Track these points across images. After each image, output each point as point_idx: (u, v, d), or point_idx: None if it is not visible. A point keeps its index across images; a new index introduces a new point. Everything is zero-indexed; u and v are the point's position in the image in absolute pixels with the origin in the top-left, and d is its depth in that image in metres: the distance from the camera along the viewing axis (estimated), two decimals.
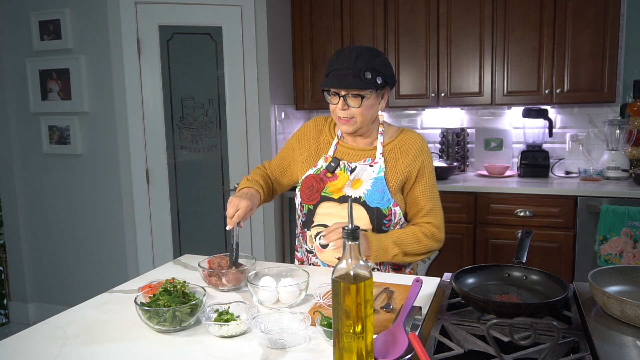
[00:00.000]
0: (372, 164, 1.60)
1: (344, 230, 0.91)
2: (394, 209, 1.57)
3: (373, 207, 1.55)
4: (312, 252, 1.67)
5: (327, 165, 1.63)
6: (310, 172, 1.65)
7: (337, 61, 1.52)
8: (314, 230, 1.63)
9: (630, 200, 2.60)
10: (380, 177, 1.57)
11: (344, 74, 1.49)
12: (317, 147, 1.71)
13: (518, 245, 1.39)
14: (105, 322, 1.21)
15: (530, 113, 3.09)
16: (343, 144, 1.67)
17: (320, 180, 1.62)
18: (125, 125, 2.99)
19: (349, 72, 1.49)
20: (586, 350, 0.96)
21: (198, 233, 3.21)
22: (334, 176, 1.61)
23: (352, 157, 1.64)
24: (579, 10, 2.87)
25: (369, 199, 1.55)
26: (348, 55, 1.51)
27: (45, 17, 3.02)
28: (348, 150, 1.65)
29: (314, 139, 1.72)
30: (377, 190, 1.56)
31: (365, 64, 1.49)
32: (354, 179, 1.60)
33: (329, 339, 1.04)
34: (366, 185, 1.57)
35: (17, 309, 3.43)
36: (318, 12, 3.41)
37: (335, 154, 1.66)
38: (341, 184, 1.60)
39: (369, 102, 1.53)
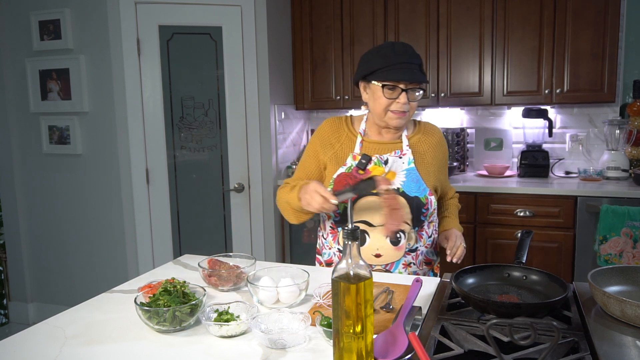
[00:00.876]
0: (401, 156, 1.62)
1: (344, 230, 0.91)
2: (430, 198, 1.61)
3: (412, 196, 1.58)
4: None
5: (357, 163, 1.61)
6: (341, 171, 1.63)
7: (396, 55, 1.51)
8: None
9: (630, 200, 2.60)
10: (412, 167, 1.61)
11: (410, 68, 1.50)
12: (340, 146, 1.67)
13: (518, 245, 1.40)
14: (105, 322, 1.21)
15: (530, 113, 3.09)
16: (368, 140, 1.66)
17: (354, 178, 1.60)
18: (125, 125, 2.99)
19: (413, 66, 1.51)
20: (586, 350, 0.96)
21: (198, 233, 3.21)
22: (366, 172, 1.60)
23: (381, 151, 1.63)
24: (579, 10, 2.87)
25: (407, 189, 1.58)
26: (405, 50, 1.53)
27: (45, 17, 3.02)
28: (375, 145, 1.65)
29: (335, 139, 1.68)
30: (413, 180, 1.59)
31: (419, 59, 1.54)
32: (389, 171, 1.60)
33: (329, 339, 1.04)
34: (400, 176, 1.59)
35: (17, 309, 3.43)
36: (318, 12, 3.41)
37: (362, 151, 1.64)
38: None
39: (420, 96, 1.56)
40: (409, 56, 1.51)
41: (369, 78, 1.55)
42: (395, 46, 1.54)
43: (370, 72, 1.54)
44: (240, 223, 3.24)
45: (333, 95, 3.45)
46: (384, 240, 1.58)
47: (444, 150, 1.74)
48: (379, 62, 1.52)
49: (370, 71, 1.54)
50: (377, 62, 1.53)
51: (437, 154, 1.69)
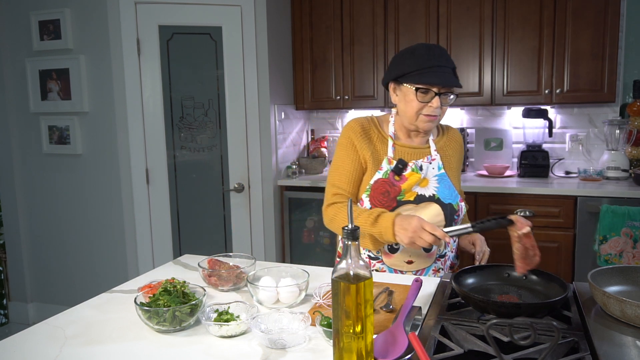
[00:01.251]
0: (431, 162, 1.61)
1: (343, 230, 0.91)
2: (461, 205, 1.61)
3: (447, 203, 1.57)
4: (377, 259, 1.61)
5: (393, 167, 1.57)
6: (379, 177, 1.58)
7: (432, 58, 1.48)
8: None
9: (630, 200, 2.60)
10: (443, 173, 1.61)
11: (446, 72, 1.48)
12: (374, 147, 1.61)
13: None
14: (105, 322, 1.21)
15: (530, 113, 3.09)
16: (399, 144, 1.62)
17: (392, 185, 1.56)
18: (125, 125, 2.99)
19: (449, 70, 1.49)
20: (586, 350, 0.96)
21: (198, 233, 3.21)
22: (402, 178, 1.57)
23: (414, 156, 1.61)
24: (579, 10, 2.87)
25: (442, 195, 1.57)
26: (440, 53, 1.50)
27: (45, 17, 3.02)
28: (407, 149, 1.61)
29: (367, 139, 1.61)
30: (446, 187, 1.59)
31: (452, 63, 1.51)
32: (424, 177, 1.59)
33: (328, 339, 1.04)
34: (433, 182, 1.59)
35: (17, 309, 3.43)
36: (318, 12, 3.41)
37: (395, 155, 1.60)
38: (413, 183, 1.57)
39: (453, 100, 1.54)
40: (444, 59, 1.49)
41: (401, 80, 1.52)
42: (430, 49, 1.50)
43: (403, 74, 1.50)
44: (240, 223, 3.23)
45: (333, 95, 3.45)
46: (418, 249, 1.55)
47: (463, 153, 1.75)
48: (413, 64, 1.48)
49: (403, 73, 1.51)
50: (410, 64, 1.49)
51: (459, 156, 1.70)
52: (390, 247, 1.58)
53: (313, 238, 3.39)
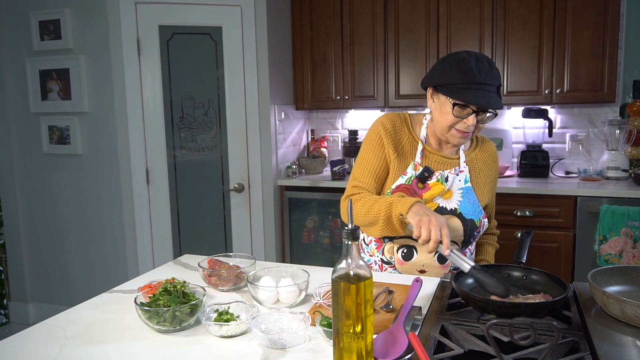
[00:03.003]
0: (458, 173, 1.54)
1: (344, 230, 0.91)
2: (484, 221, 1.55)
3: (468, 219, 1.50)
4: (390, 264, 1.58)
5: (418, 174, 1.51)
6: (400, 182, 1.53)
7: (479, 74, 1.37)
8: (398, 241, 1.54)
9: (630, 200, 2.60)
10: (469, 187, 1.54)
11: (489, 91, 1.39)
12: (402, 148, 1.56)
13: (518, 245, 1.39)
14: (105, 322, 1.21)
15: (530, 113, 3.09)
16: (429, 150, 1.56)
17: (414, 193, 1.51)
18: (125, 125, 2.99)
19: (491, 88, 1.39)
20: (586, 350, 0.96)
21: (198, 233, 3.21)
22: (426, 187, 1.51)
23: (442, 166, 1.55)
24: (579, 10, 2.87)
25: (464, 210, 1.50)
26: (489, 69, 1.40)
27: (45, 17, 3.02)
28: (436, 157, 1.55)
29: (395, 138, 1.55)
30: (469, 202, 1.52)
31: (497, 80, 1.41)
32: (448, 189, 1.52)
33: (329, 339, 1.04)
34: (457, 195, 1.52)
35: (17, 309, 3.43)
36: (318, 12, 3.41)
37: (423, 161, 1.54)
38: (436, 194, 1.51)
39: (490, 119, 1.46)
40: (490, 77, 1.39)
41: (440, 89, 1.43)
42: (479, 63, 1.39)
43: (444, 84, 1.42)
44: (240, 223, 3.23)
45: (333, 95, 3.45)
46: (431, 257, 1.52)
47: (497, 170, 1.65)
48: (457, 77, 1.39)
49: (444, 83, 1.42)
50: (455, 76, 1.39)
51: (491, 173, 1.62)
52: (404, 255, 1.53)
53: (313, 238, 3.39)
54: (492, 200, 1.67)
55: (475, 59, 1.41)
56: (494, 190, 1.66)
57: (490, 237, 1.76)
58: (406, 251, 1.54)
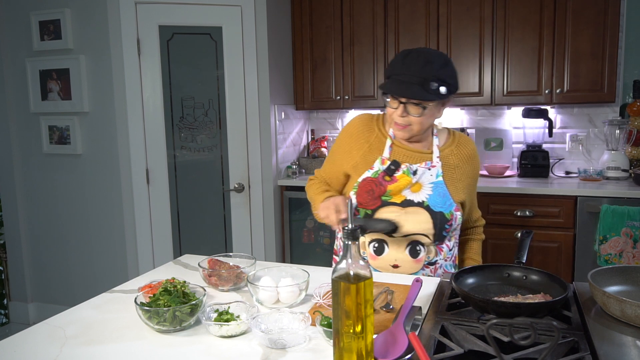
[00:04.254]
0: (430, 168, 1.56)
1: (344, 230, 0.91)
2: (456, 214, 1.55)
3: (437, 211, 1.52)
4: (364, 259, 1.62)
5: (385, 168, 1.55)
6: (367, 175, 1.57)
7: (403, 65, 1.45)
8: (369, 236, 1.58)
9: (630, 200, 2.60)
10: (440, 181, 1.55)
11: (409, 82, 1.43)
12: (369, 146, 1.61)
13: (518, 245, 1.40)
14: (105, 322, 1.21)
15: (530, 113, 3.09)
16: (398, 144, 1.60)
17: (379, 184, 1.54)
18: (125, 125, 2.99)
19: (414, 80, 1.43)
20: (586, 350, 0.96)
21: (198, 233, 3.21)
22: (393, 179, 1.54)
23: (411, 159, 1.58)
24: (579, 10, 2.87)
25: (432, 203, 1.52)
26: (415, 61, 1.44)
27: (45, 17, 3.02)
28: (405, 151, 1.59)
29: (364, 139, 1.62)
30: (439, 195, 1.53)
31: (432, 73, 1.43)
32: (416, 182, 1.55)
33: (329, 339, 1.04)
34: (427, 189, 1.54)
35: (17, 309, 3.43)
36: (318, 12, 3.41)
37: (391, 156, 1.59)
38: (402, 186, 1.54)
39: (429, 112, 1.48)
40: (414, 69, 1.43)
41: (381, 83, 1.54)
42: (410, 55, 1.47)
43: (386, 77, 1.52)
44: (240, 223, 3.23)
45: (333, 95, 3.45)
46: (403, 251, 1.55)
47: (476, 166, 1.66)
48: (389, 70, 1.50)
49: (386, 76, 1.53)
50: (389, 69, 1.50)
51: (468, 169, 1.62)
52: (375, 250, 1.58)
53: (313, 238, 3.39)
54: (472, 196, 1.69)
55: (406, 53, 1.48)
56: (472, 187, 1.67)
57: (474, 230, 1.77)
58: (377, 246, 1.57)
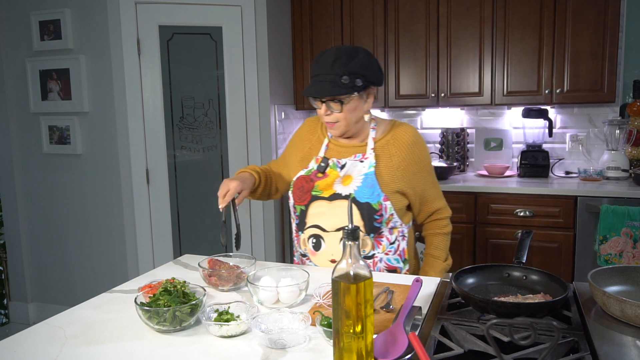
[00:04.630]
0: (362, 160, 1.58)
1: (344, 230, 0.91)
2: (385, 204, 1.55)
3: (363, 202, 1.53)
4: (306, 256, 1.65)
5: (317, 166, 1.62)
6: (301, 174, 1.65)
7: (317, 66, 1.51)
8: (307, 232, 1.62)
9: (630, 200, 2.60)
10: (371, 172, 1.56)
11: (322, 81, 1.49)
12: (309, 148, 1.71)
13: (518, 245, 1.39)
14: (105, 322, 1.21)
15: (530, 113, 3.09)
16: (334, 142, 1.66)
17: (310, 180, 1.61)
18: (125, 125, 2.99)
19: (327, 78, 1.48)
20: (586, 350, 0.96)
21: (198, 233, 3.21)
22: (325, 175, 1.60)
23: (342, 154, 1.63)
24: (579, 10, 2.87)
25: (358, 195, 1.54)
26: (326, 60, 1.49)
27: (45, 17, 3.02)
28: (339, 148, 1.65)
29: (307, 140, 1.73)
30: (367, 186, 1.54)
31: (341, 68, 1.46)
32: (344, 175, 1.58)
33: (329, 339, 1.04)
34: (357, 181, 1.56)
35: (17, 309, 3.43)
36: (318, 12, 3.41)
37: (325, 154, 1.65)
38: (331, 181, 1.58)
39: (350, 106, 1.51)
40: (328, 67, 1.48)
41: None
42: (322, 56, 1.52)
43: None
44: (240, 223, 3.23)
45: None
46: (337, 245, 1.57)
47: (419, 153, 1.63)
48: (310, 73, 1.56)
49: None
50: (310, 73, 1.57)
51: (407, 156, 1.60)
52: (314, 245, 1.61)
53: None
54: (424, 185, 1.64)
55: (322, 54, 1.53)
56: (420, 175, 1.63)
57: (435, 223, 1.72)
58: (315, 241, 1.61)
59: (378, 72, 1.55)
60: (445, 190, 2.91)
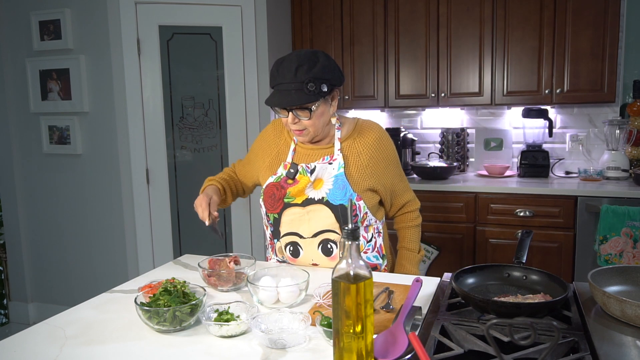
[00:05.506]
0: (331, 162, 1.57)
1: (344, 230, 0.91)
2: (358, 204, 1.55)
3: (336, 204, 1.52)
4: (285, 262, 1.65)
5: (286, 172, 1.59)
6: (270, 181, 1.62)
7: (279, 75, 1.47)
8: (284, 240, 1.61)
9: (630, 200, 2.60)
10: (340, 173, 1.55)
11: (287, 89, 1.45)
12: (277, 152, 1.66)
13: (518, 245, 1.39)
14: (105, 322, 1.21)
15: (530, 113, 3.09)
16: (301, 146, 1.63)
17: (281, 188, 1.58)
18: (125, 125, 2.99)
19: (292, 86, 1.44)
20: (586, 350, 0.96)
21: (198, 233, 3.21)
22: (295, 182, 1.57)
23: (311, 158, 1.60)
24: (579, 10, 2.87)
25: (331, 197, 1.52)
26: (288, 68, 1.45)
27: (45, 17, 3.02)
28: (307, 151, 1.61)
29: (274, 144, 1.68)
30: (339, 188, 1.53)
31: (306, 75, 1.43)
32: (315, 179, 1.56)
33: (329, 339, 1.04)
34: (328, 184, 1.54)
35: (17, 309, 3.43)
36: (318, 12, 3.41)
37: (293, 159, 1.62)
38: (302, 187, 1.56)
39: (318, 112, 1.49)
40: (291, 75, 1.44)
41: None
42: (282, 63, 1.47)
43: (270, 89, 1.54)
44: (240, 223, 3.23)
45: None
46: (316, 251, 1.57)
47: (386, 149, 1.62)
48: (270, 82, 1.52)
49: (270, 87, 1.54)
50: (270, 81, 1.52)
51: (375, 153, 1.59)
52: (291, 252, 1.60)
53: None
54: (392, 180, 1.65)
55: (281, 60, 1.49)
56: (388, 170, 1.63)
57: (405, 217, 1.74)
58: (292, 249, 1.60)
59: (340, 74, 1.53)
60: (445, 191, 2.94)
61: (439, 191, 2.96)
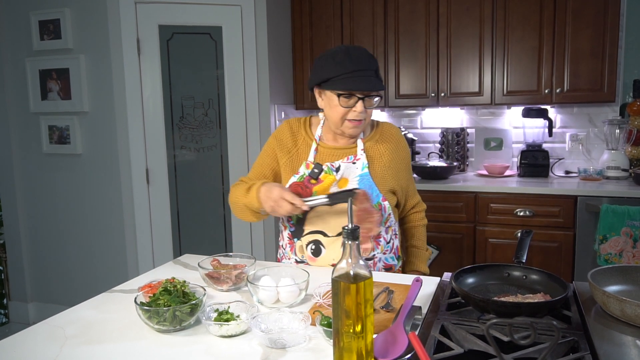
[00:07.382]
0: (354, 162, 1.57)
1: (343, 229, 0.91)
2: (384, 204, 1.56)
3: None
4: (303, 262, 1.63)
5: (309, 172, 1.57)
6: (293, 180, 1.59)
7: (351, 62, 1.45)
8: (305, 239, 1.60)
9: (630, 200, 2.60)
10: (366, 173, 1.56)
11: (367, 76, 1.45)
12: (296, 151, 1.64)
13: (518, 245, 1.39)
14: (105, 322, 1.21)
15: (530, 113, 3.09)
16: (323, 145, 1.62)
17: (305, 187, 1.57)
18: (125, 125, 2.99)
19: (371, 73, 1.46)
20: (586, 349, 0.96)
21: (198, 233, 3.21)
22: (319, 181, 1.56)
23: (334, 157, 1.59)
24: (579, 10, 2.87)
25: None
26: (360, 56, 1.46)
27: (45, 17, 3.02)
28: (329, 150, 1.61)
29: (292, 143, 1.65)
30: (365, 187, 1.54)
31: (375, 64, 1.49)
32: (341, 178, 1.56)
33: (329, 339, 1.04)
34: (353, 183, 1.55)
35: (17, 308, 3.43)
36: (318, 12, 3.41)
37: (316, 159, 1.60)
38: (327, 185, 1.55)
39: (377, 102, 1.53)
40: (365, 63, 1.45)
41: (324, 86, 1.50)
42: (350, 52, 1.46)
43: (325, 80, 1.48)
44: (240, 223, 3.23)
45: None
46: (339, 251, 1.55)
47: (404, 151, 1.66)
48: (335, 70, 1.46)
49: (325, 78, 1.48)
50: (332, 70, 1.46)
51: (395, 155, 1.62)
52: (313, 252, 1.59)
53: None
54: (406, 181, 1.67)
55: (346, 49, 1.48)
56: (405, 172, 1.66)
57: (415, 216, 1.77)
58: (314, 247, 1.59)
59: None
60: (445, 191, 2.94)
61: (439, 191, 2.96)
